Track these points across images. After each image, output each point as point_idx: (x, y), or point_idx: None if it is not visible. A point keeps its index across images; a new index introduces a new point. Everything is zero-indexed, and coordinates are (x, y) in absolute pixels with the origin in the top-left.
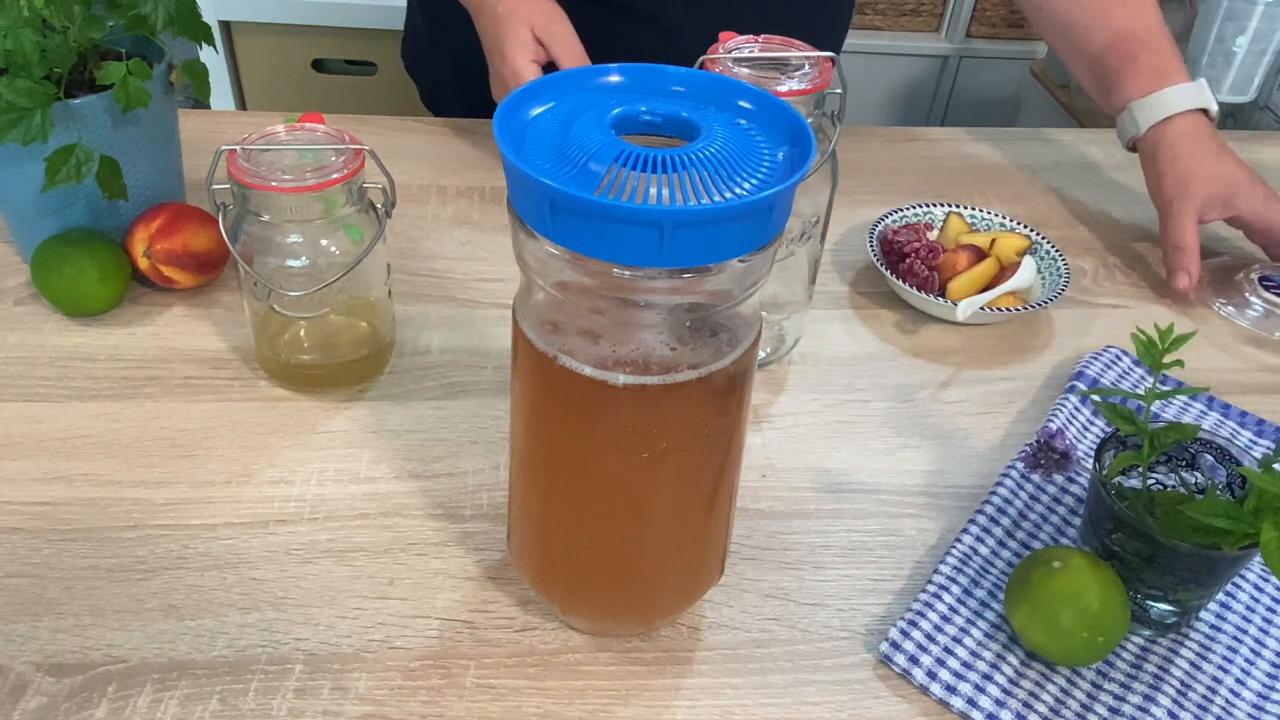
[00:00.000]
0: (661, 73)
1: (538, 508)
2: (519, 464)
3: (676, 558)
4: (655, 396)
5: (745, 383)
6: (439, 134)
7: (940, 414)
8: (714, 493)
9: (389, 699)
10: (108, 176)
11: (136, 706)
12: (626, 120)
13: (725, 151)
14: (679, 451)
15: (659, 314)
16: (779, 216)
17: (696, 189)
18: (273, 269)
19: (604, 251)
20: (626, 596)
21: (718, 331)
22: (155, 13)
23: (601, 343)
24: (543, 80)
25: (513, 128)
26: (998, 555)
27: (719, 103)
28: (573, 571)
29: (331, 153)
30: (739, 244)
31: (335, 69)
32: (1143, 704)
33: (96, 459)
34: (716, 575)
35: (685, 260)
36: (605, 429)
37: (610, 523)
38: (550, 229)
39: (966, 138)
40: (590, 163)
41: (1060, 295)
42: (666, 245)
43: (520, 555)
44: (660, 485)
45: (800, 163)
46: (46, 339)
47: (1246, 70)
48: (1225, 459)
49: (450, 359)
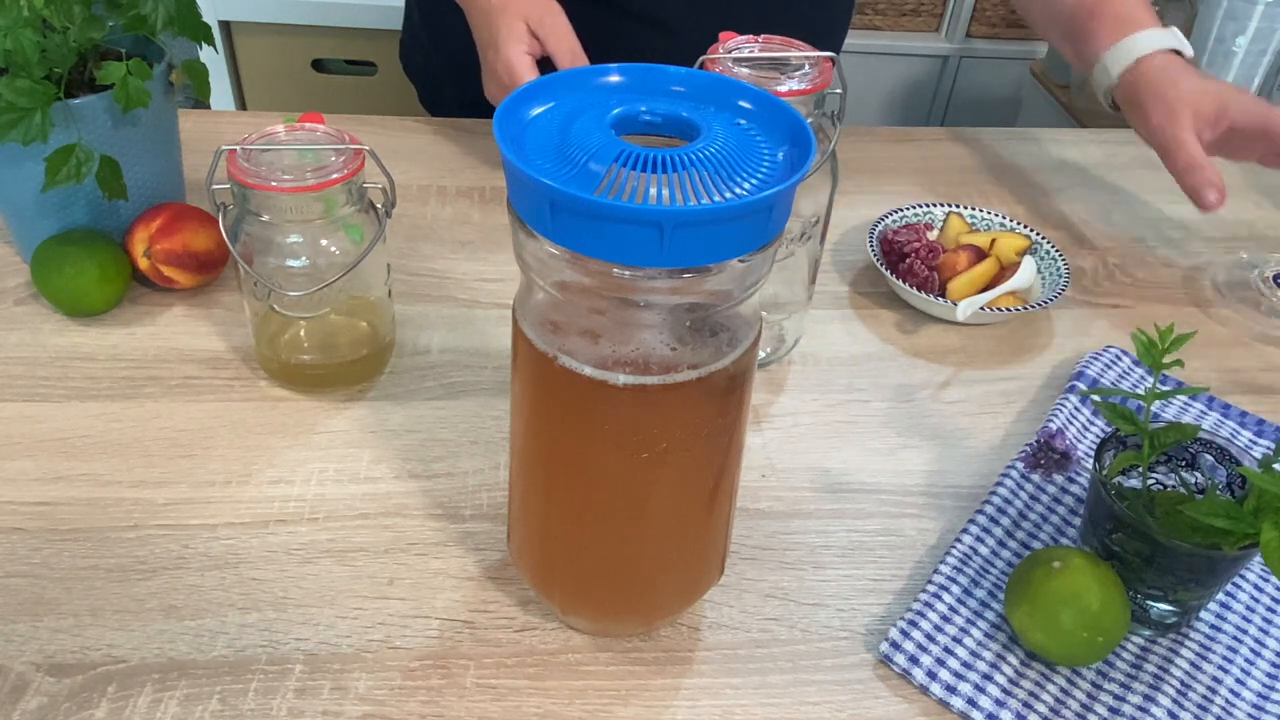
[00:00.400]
0: (661, 73)
1: (538, 507)
2: (519, 464)
3: (676, 557)
4: (655, 396)
5: (745, 383)
6: (439, 134)
7: (940, 414)
8: (714, 493)
9: (389, 699)
10: (108, 176)
11: (136, 706)
12: (626, 120)
13: (725, 151)
14: (679, 451)
15: (659, 314)
16: (779, 216)
17: (697, 189)
18: (273, 269)
19: (604, 251)
20: (626, 596)
21: (718, 331)
22: (155, 13)
23: (601, 343)
24: (542, 80)
25: (512, 128)
26: (998, 555)
27: (719, 103)
28: (572, 571)
29: (331, 153)
30: (739, 244)
31: (335, 69)
32: (1143, 704)
33: (96, 459)
34: (716, 575)
35: (685, 260)
36: (605, 429)
37: (610, 522)
38: (550, 229)
39: (966, 138)
40: (590, 163)
41: (1060, 295)
42: (667, 245)
43: (520, 555)
44: (660, 485)
45: (800, 163)
46: (46, 339)
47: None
48: (1225, 459)
49: (450, 359)
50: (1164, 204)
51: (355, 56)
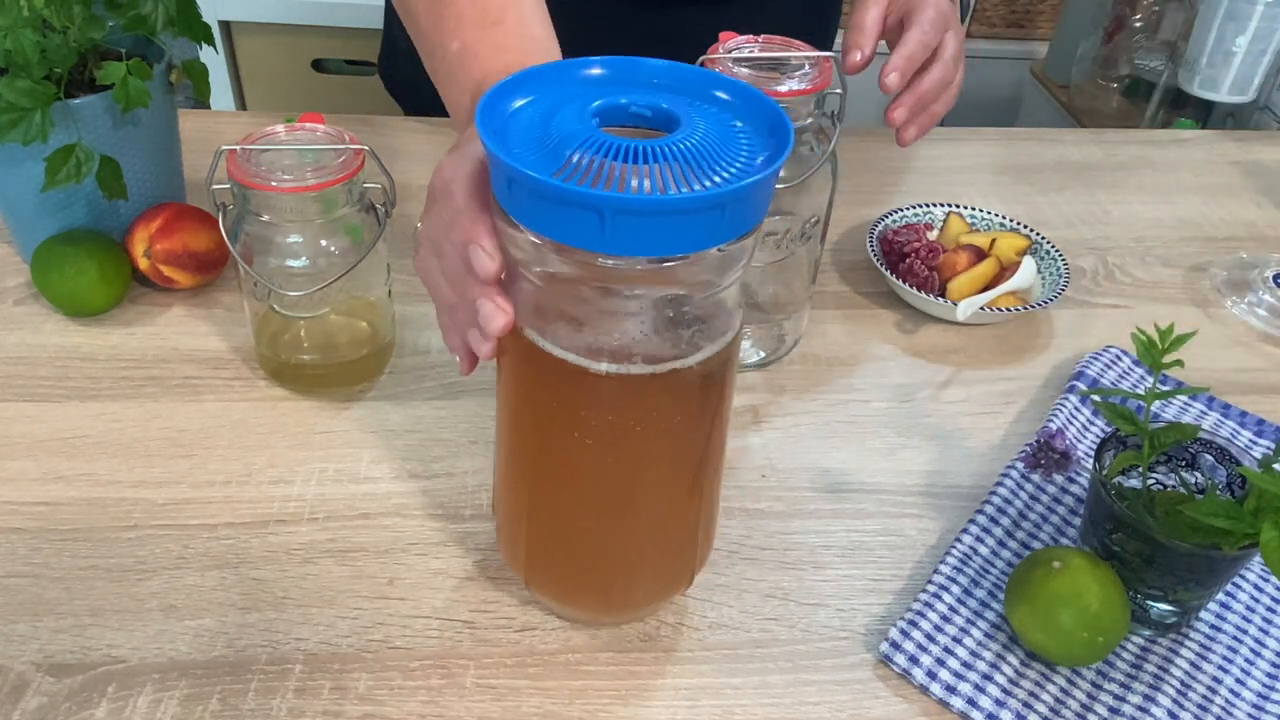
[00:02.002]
0: (642, 65)
1: (522, 496)
2: (504, 453)
3: (660, 545)
4: (637, 385)
5: (727, 374)
6: (439, 134)
7: (940, 414)
8: (696, 482)
9: (389, 699)
10: (108, 176)
11: (136, 706)
12: (608, 112)
13: (705, 143)
14: (661, 439)
15: (640, 304)
16: (739, 214)
17: (678, 179)
18: (273, 269)
19: (555, 233)
20: (609, 584)
21: (699, 322)
22: (155, 13)
23: (584, 331)
24: (525, 73)
25: (495, 119)
26: (998, 555)
27: (699, 95)
28: (555, 559)
29: (331, 153)
30: (690, 239)
31: (335, 69)
32: (1143, 704)
33: (96, 459)
34: (701, 564)
35: (630, 249)
36: (587, 417)
37: (592, 510)
38: (511, 206)
39: (966, 138)
40: (568, 152)
41: (1060, 295)
42: (609, 231)
43: (506, 544)
44: (642, 473)
45: (779, 154)
46: (46, 339)
47: (1246, 70)
48: (1225, 459)
49: (450, 359)
50: (1164, 204)
51: (355, 56)
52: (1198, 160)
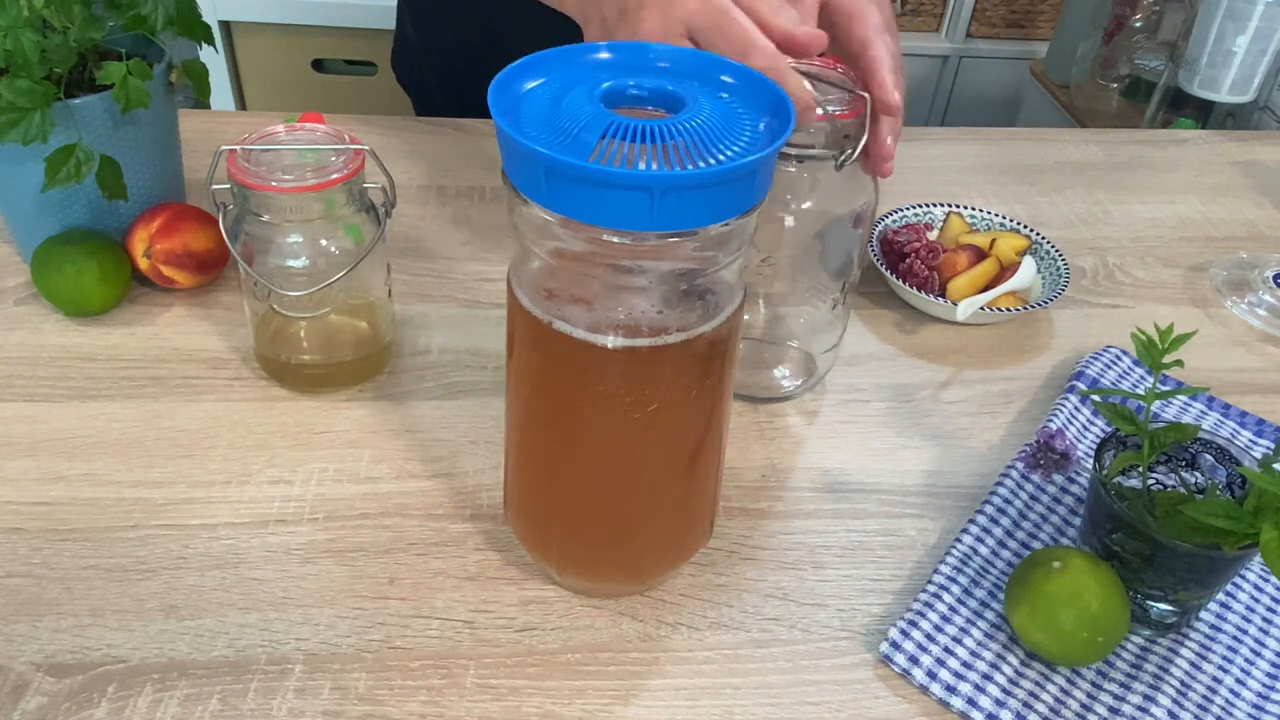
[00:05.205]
0: (648, 50)
1: (534, 470)
2: (515, 428)
3: (667, 516)
4: (645, 358)
5: (730, 347)
6: (439, 134)
7: (940, 414)
8: (701, 453)
9: (389, 699)
10: (108, 176)
11: (136, 706)
12: (615, 94)
13: (710, 122)
14: (668, 411)
15: (649, 279)
16: (762, 182)
17: (684, 156)
18: (273, 269)
19: (598, 217)
20: (619, 554)
21: (704, 296)
22: (155, 13)
23: (594, 307)
24: (535, 56)
25: (507, 100)
26: (998, 555)
27: (702, 78)
28: (567, 530)
29: (331, 153)
30: (725, 208)
31: (335, 69)
32: (1143, 704)
33: (96, 459)
34: (705, 536)
35: (675, 224)
36: (598, 390)
37: (603, 482)
38: (545, 197)
39: (966, 138)
40: (581, 133)
41: (1060, 295)
42: (657, 209)
43: (516, 518)
44: (650, 445)
45: (780, 132)
46: (46, 339)
47: (1246, 70)
48: (1225, 459)
49: (450, 359)
50: (1164, 204)
51: (355, 56)
52: (1197, 160)
